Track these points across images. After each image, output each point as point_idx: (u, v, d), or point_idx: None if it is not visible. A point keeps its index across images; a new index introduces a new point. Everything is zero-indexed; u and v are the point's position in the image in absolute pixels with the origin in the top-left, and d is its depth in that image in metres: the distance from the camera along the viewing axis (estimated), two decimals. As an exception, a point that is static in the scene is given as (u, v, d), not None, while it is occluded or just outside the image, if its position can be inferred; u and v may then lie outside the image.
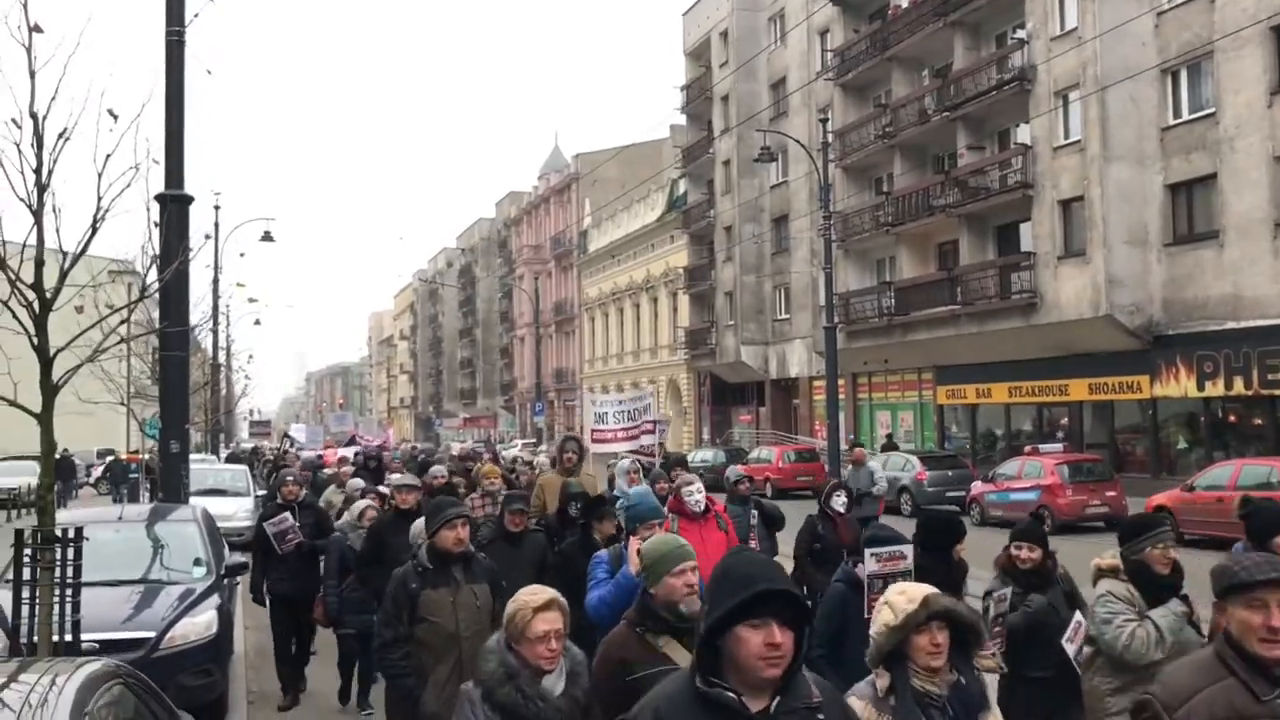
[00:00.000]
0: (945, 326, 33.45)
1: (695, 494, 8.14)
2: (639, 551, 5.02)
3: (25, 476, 29.72)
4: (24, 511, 30.35)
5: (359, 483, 12.97)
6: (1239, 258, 25.15)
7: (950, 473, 28.13)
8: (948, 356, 34.48)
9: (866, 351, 37.70)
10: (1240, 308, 25.09)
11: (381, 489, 12.40)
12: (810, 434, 42.01)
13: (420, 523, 6.84)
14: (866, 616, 5.07)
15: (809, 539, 9.53)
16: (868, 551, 5.44)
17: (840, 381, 34.65)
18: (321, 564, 10.22)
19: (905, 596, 3.67)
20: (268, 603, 10.29)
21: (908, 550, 5.55)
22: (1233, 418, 26.44)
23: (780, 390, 45.98)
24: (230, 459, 35.58)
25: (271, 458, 34.70)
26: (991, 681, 5.08)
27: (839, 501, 9.63)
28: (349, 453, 28.04)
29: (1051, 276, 29.19)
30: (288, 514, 10.04)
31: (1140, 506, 21.74)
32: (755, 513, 10.18)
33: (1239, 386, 25.18)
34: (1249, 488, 18.88)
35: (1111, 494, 23.14)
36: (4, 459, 38.07)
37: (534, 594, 4.19)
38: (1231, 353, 25.22)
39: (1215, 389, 25.86)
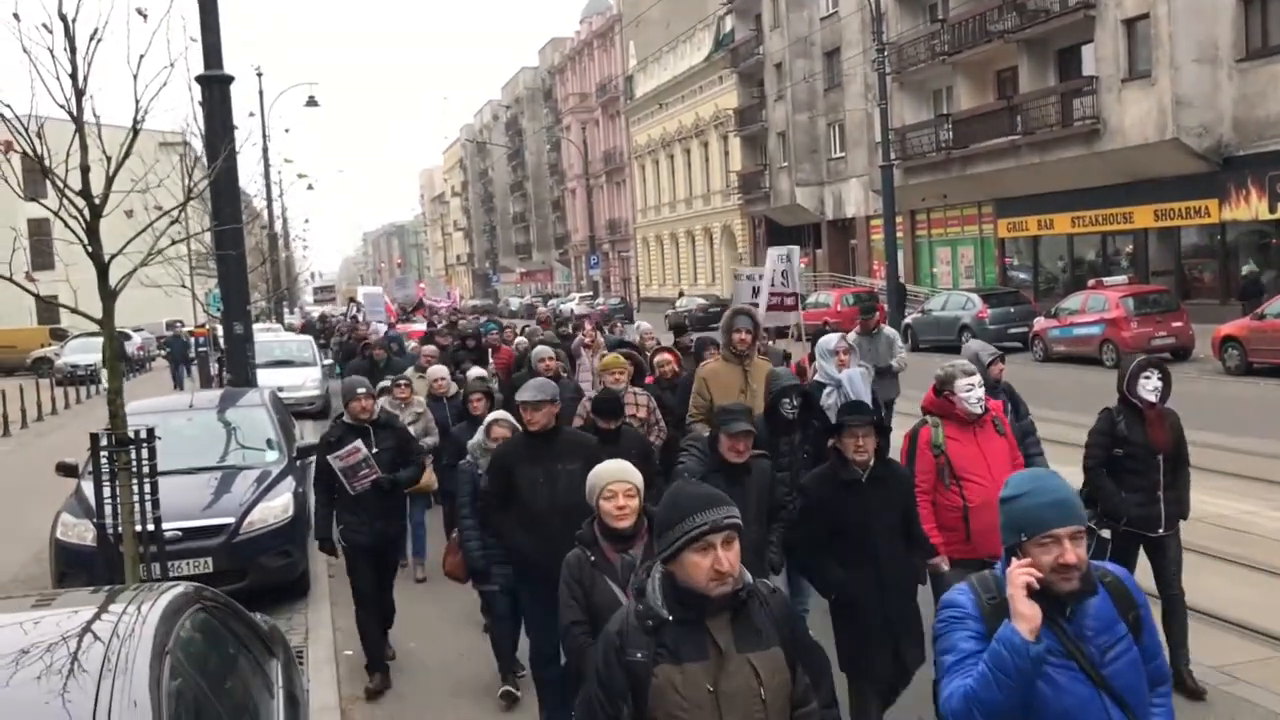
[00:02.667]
0: (1005, 158, 32.56)
1: (976, 388, 5.84)
2: (1029, 588, 2.75)
3: (97, 354, 30.55)
4: (96, 389, 31.25)
5: (441, 369, 10.93)
6: (1316, 70, 24.00)
7: (1012, 309, 27.84)
8: (1008, 189, 33.68)
9: (924, 187, 36.92)
10: (1316, 124, 24.05)
11: (478, 371, 10.78)
12: (869, 274, 41.65)
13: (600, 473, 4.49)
14: None
15: (1108, 443, 6.40)
16: None
17: (898, 219, 34.18)
18: (408, 501, 8.85)
19: None
20: (340, 553, 7.64)
21: None
22: (1306, 239, 25.70)
23: (837, 231, 45.40)
24: (306, 329, 35.77)
25: (338, 325, 34.29)
26: None
27: (1149, 387, 6.28)
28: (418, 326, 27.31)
29: (1115, 101, 28.13)
30: (359, 442, 7.32)
31: (1208, 336, 21.44)
32: (1009, 404, 7.28)
33: (1313, 207, 24.36)
34: (1322, 314, 18.48)
35: (1178, 324, 22.77)
36: (77, 335, 39.15)
37: None
38: (1306, 171, 24.31)
39: (1288, 210, 25.05)
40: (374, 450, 7.39)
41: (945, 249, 39.44)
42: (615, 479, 4.32)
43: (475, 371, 10.97)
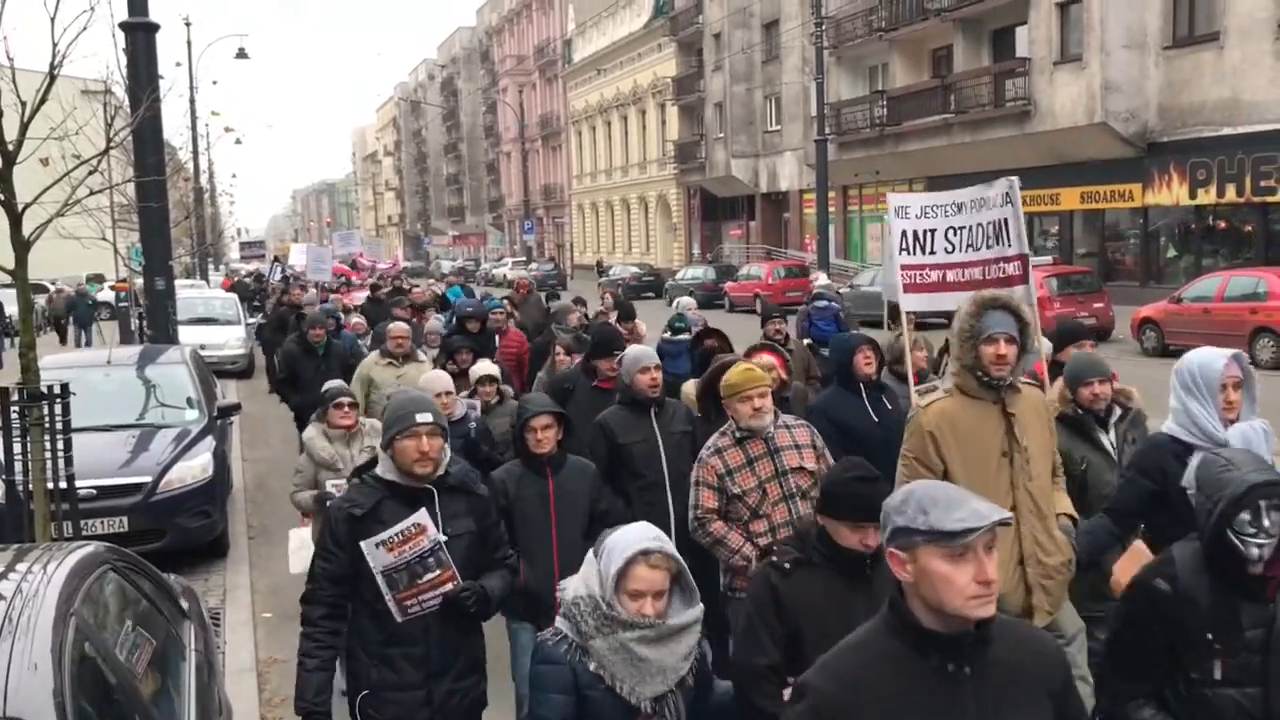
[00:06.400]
0: (938, 136, 32.90)
1: None
2: None
3: (10, 306, 29.58)
4: (10, 342, 30.34)
5: (444, 377, 6.76)
6: (1239, 60, 24.53)
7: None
8: (940, 166, 34.00)
9: (858, 163, 37.19)
10: (1237, 113, 24.63)
11: (486, 367, 7.56)
12: (801, 248, 41.91)
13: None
14: None
15: None
16: None
17: (831, 194, 34.40)
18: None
19: None
20: None
21: None
22: (1223, 224, 26.37)
23: (771, 204, 45.59)
24: (235, 288, 34.45)
25: (273, 286, 31.19)
26: None
27: None
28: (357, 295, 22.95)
29: (1047, 83, 28.54)
30: (422, 515, 3.83)
31: (1128, 317, 21.96)
32: None
33: (1231, 194, 25.00)
34: (1236, 299, 19.05)
35: (1099, 305, 23.26)
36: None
37: None
38: (1226, 159, 24.91)
39: (1207, 196, 25.67)
40: (445, 535, 3.87)
41: (876, 225, 39.74)
42: None
43: (482, 367, 7.53)
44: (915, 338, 6.45)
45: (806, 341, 9.07)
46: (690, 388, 6.49)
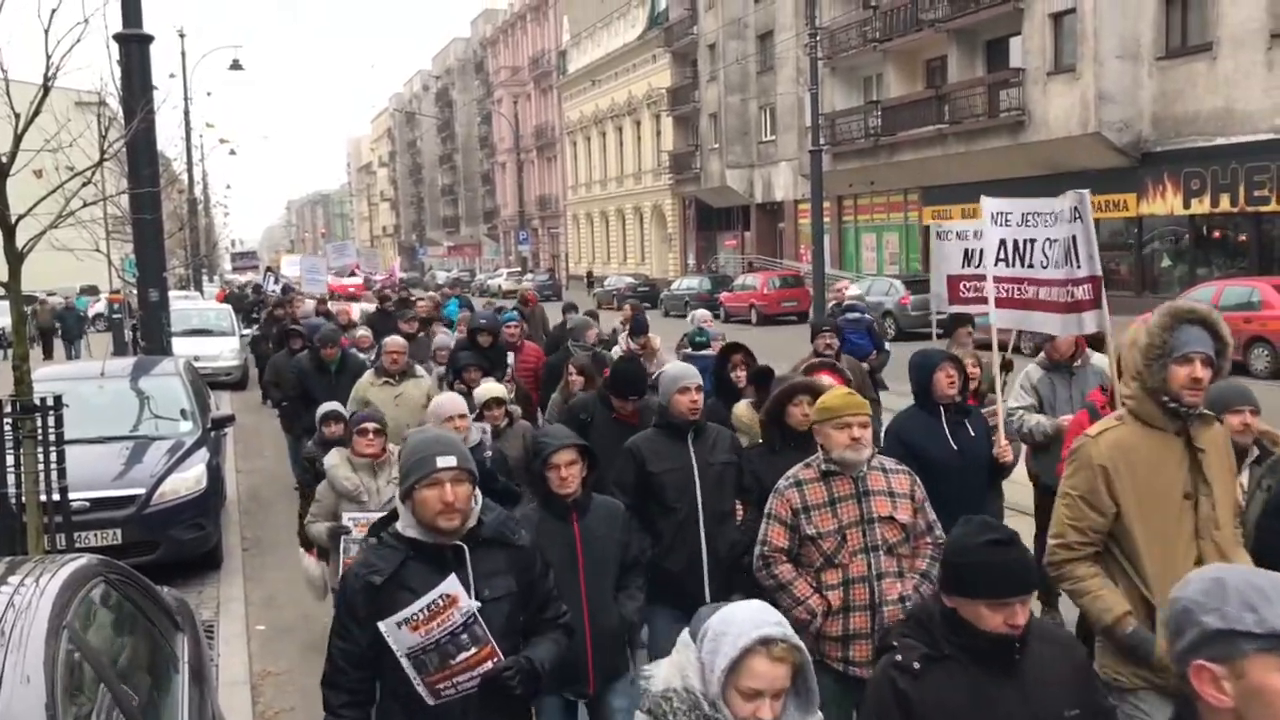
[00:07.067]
0: (932, 146, 32.97)
1: None
2: None
3: (3, 318, 29.55)
4: (2, 354, 30.33)
5: (456, 401, 6.06)
6: (1232, 70, 24.62)
7: (933, 296, 28.18)
8: (934, 177, 34.11)
9: (852, 173, 37.26)
10: (1230, 123, 24.71)
11: (493, 389, 6.83)
12: (795, 258, 41.95)
13: None
14: None
15: None
16: None
17: (825, 204, 34.43)
18: None
19: None
20: None
21: None
22: (1217, 234, 26.44)
23: (766, 214, 45.63)
24: (229, 299, 34.19)
25: (262, 302, 29.99)
26: None
27: None
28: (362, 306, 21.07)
29: (1041, 93, 28.62)
30: (452, 582, 3.12)
31: (1123, 327, 21.96)
32: None
33: (1225, 204, 25.07)
34: (1231, 308, 19.06)
35: (1094, 315, 23.31)
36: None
37: None
38: (1219, 169, 24.98)
39: (1201, 206, 25.74)
40: (481, 600, 3.21)
41: (871, 235, 39.86)
42: None
43: (488, 389, 6.83)
44: (974, 356, 6.12)
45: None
46: (744, 409, 5.98)
